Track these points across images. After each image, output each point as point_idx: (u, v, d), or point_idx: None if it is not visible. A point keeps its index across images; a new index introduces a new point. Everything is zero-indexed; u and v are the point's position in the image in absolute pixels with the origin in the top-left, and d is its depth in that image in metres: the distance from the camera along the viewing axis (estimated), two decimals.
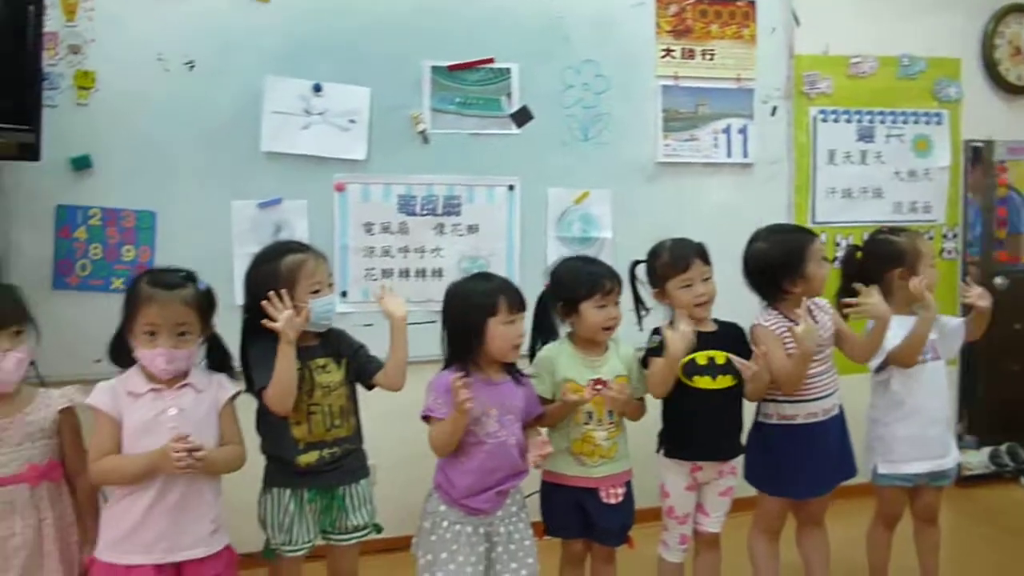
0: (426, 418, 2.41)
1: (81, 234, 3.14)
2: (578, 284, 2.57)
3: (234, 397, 2.32)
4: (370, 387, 2.54)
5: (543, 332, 2.68)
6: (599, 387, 2.56)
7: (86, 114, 3.11)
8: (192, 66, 3.21)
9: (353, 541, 2.51)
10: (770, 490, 2.79)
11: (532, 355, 2.66)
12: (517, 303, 2.41)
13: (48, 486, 2.14)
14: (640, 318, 2.75)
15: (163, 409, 2.18)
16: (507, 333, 2.38)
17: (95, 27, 3.11)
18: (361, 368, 2.51)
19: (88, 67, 3.11)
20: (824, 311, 2.78)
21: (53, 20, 3.02)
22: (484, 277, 2.55)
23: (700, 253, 2.68)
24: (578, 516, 2.59)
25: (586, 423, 2.56)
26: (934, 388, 2.83)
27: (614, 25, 3.65)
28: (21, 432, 2.12)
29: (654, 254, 2.72)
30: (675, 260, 2.65)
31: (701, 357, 2.63)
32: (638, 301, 2.75)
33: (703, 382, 2.61)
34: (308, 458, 2.40)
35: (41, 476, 2.11)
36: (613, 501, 2.58)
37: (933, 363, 2.82)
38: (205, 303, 2.26)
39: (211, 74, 3.22)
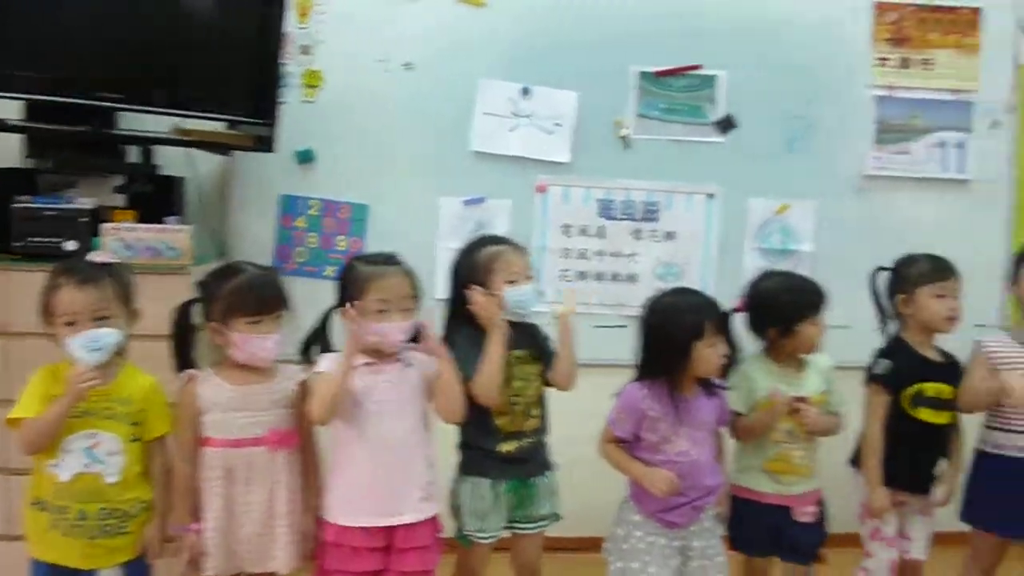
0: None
1: (301, 223, 3.36)
2: (796, 302, 2.51)
3: None
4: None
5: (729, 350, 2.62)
6: (799, 404, 2.50)
7: (312, 111, 3.32)
8: (410, 67, 3.35)
9: (538, 530, 2.56)
10: (970, 522, 2.68)
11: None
12: (721, 325, 2.36)
13: (284, 453, 2.23)
14: (884, 326, 2.71)
15: (376, 382, 2.26)
16: (710, 356, 2.32)
17: (324, 29, 3.31)
18: (545, 362, 2.56)
19: (316, 67, 3.31)
20: None
21: (287, 22, 3.23)
22: (688, 294, 2.46)
23: (956, 270, 2.63)
24: (769, 533, 2.53)
25: (784, 441, 2.50)
26: None
27: (828, 32, 3.54)
28: (267, 399, 2.23)
29: (907, 261, 2.69)
30: (935, 267, 2.62)
31: (930, 388, 2.57)
32: (880, 309, 2.70)
33: (926, 415, 2.55)
34: (508, 446, 2.47)
35: (280, 442, 2.22)
36: (805, 520, 2.53)
37: None
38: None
39: (428, 76, 3.36)
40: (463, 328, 2.47)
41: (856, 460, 2.66)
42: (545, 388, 2.58)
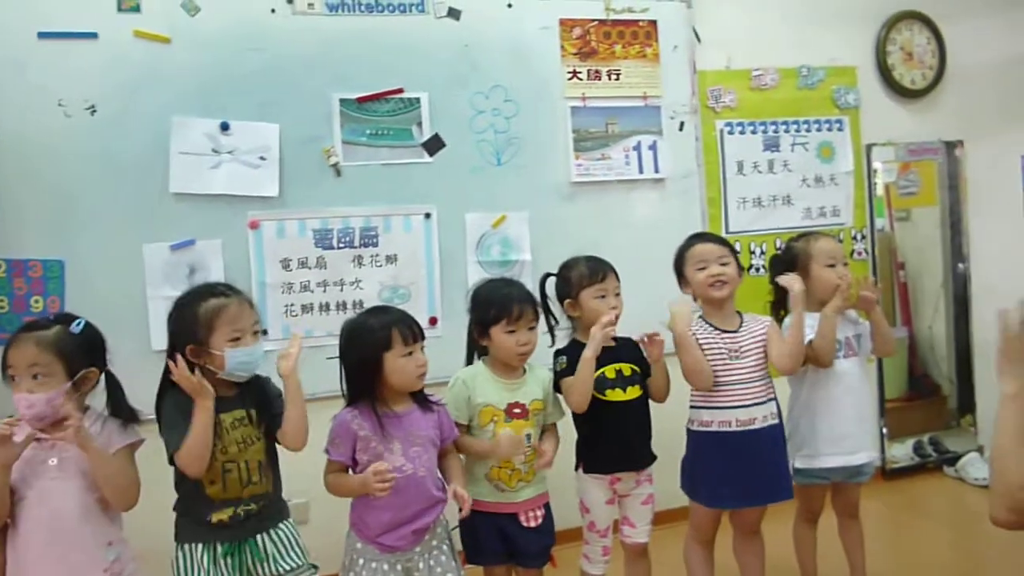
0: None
1: None
2: (488, 308, 2.57)
3: (134, 446, 2.26)
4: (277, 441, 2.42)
5: (478, 356, 2.68)
6: (517, 411, 2.56)
7: None
8: (94, 110, 3.15)
9: None
10: (690, 495, 2.83)
11: None
12: (412, 334, 2.36)
13: None
14: (552, 331, 2.77)
15: (44, 459, 2.12)
16: (405, 366, 2.33)
17: None
18: (271, 421, 2.37)
19: None
20: (758, 323, 2.81)
21: None
22: (378, 311, 2.46)
23: (614, 269, 2.74)
24: (500, 542, 2.57)
25: None
26: (849, 385, 2.88)
27: (521, 50, 3.69)
28: None
29: (568, 265, 2.77)
30: (592, 270, 2.70)
31: (610, 371, 2.68)
32: (548, 314, 2.77)
33: (615, 395, 2.66)
34: (221, 515, 2.28)
35: None
36: (533, 524, 2.59)
37: (848, 360, 2.89)
38: (71, 344, 2.16)
39: (114, 117, 3.17)
40: (171, 390, 2.25)
41: (580, 462, 2.75)
42: (273, 448, 2.39)
